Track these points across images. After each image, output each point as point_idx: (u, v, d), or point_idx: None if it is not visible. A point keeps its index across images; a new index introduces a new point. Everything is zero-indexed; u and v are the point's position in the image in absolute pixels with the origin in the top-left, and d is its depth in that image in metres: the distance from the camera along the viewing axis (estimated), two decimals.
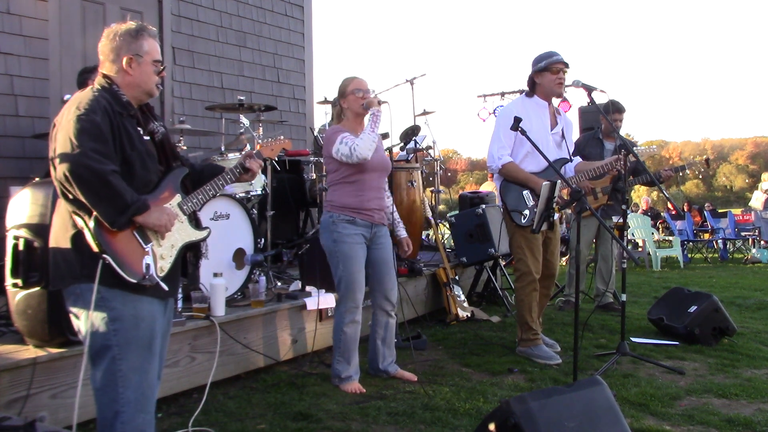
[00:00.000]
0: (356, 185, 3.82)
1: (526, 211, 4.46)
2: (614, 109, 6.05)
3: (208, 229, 2.62)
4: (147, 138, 2.47)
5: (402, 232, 4.29)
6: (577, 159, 4.85)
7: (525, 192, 4.49)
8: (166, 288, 2.39)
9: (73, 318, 2.37)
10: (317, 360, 4.39)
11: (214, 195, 2.63)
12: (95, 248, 2.23)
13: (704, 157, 5.43)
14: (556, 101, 4.73)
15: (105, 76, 2.42)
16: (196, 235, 2.56)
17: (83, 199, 2.21)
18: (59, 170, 2.21)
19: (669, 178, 5.47)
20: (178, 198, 2.51)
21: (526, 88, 4.68)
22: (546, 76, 4.50)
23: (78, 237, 2.28)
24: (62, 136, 2.23)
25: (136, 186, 2.32)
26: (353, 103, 3.87)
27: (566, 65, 4.51)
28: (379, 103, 3.83)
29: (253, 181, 4.78)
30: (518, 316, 4.62)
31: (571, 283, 6.30)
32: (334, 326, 3.94)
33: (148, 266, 2.32)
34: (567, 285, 6.43)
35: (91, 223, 2.24)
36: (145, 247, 2.33)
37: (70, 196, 2.25)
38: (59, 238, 2.34)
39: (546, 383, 3.99)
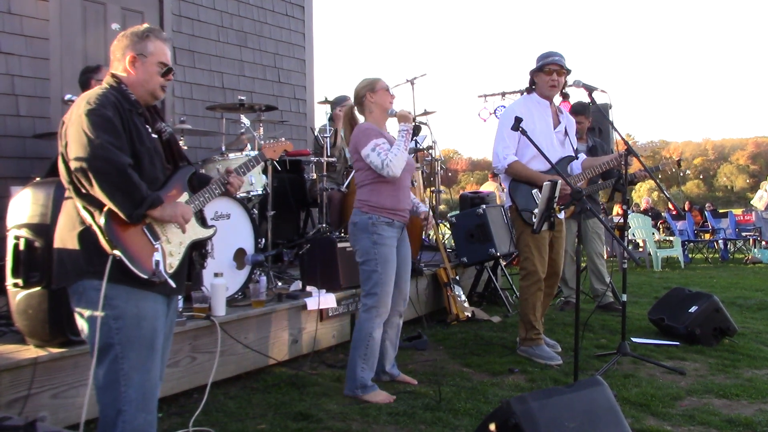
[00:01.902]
0: (392, 185, 3.77)
1: (536, 210, 4.44)
2: (575, 111, 6.10)
3: (215, 227, 2.63)
4: (155, 136, 2.49)
5: (423, 207, 4.15)
6: (582, 156, 4.84)
7: (534, 191, 4.47)
8: (173, 285, 2.40)
9: (77, 317, 2.37)
10: (318, 360, 4.38)
11: (220, 194, 2.64)
12: (106, 245, 2.24)
13: (677, 158, 5.46)
14: (557, 100, 4.73)
15: (114, 76, 2.45)
16: (203, 232, 2.57)
17: (99, 193, 2.21)
18: (75, 164, 2.21)
19: (644, 179, 5.47)
20: (185, 196, 2.52)
21: (526, 88, 4.68)
22: (540, 76, 4.51)
23: (85, 234, 2.29)
24: (75, 131, 2.23)
25: (144, 182, 2.33)
26: (384, 99, 3.84)
27: (562, 67, 4.49)
28: (414, 120, 3.86)
29: (253, 181, 4.80)
30: (522, 314, 4.61)
31: (567, 284, 6.31)
32: (361, 331, 3.75)
33: (157, 263, 2.33)
34: (563, 286, 6.43)
35: (101, 220, 2.24)
36: (154, 243, 2.34)
37: (83, 191, 2.26)
38: (65, 236, 2.34)
39: (546, 383, 3.99)
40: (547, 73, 4.47)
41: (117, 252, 2.24)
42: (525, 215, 4.47)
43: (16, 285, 3.03)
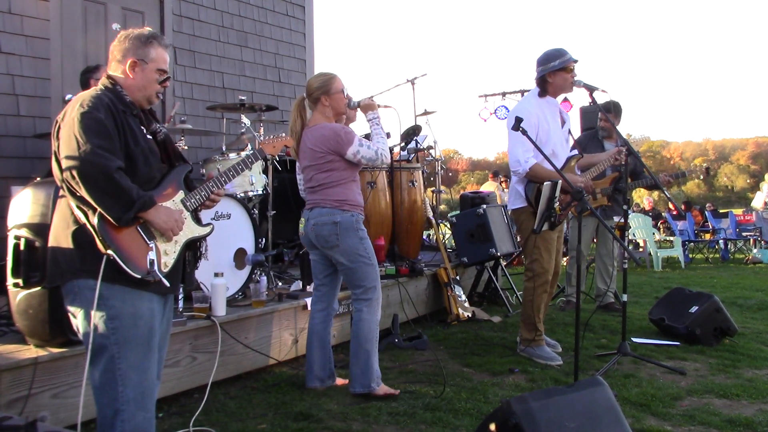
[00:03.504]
0: (357, 183, 3.83)
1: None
2: (605, 110, 6.07)
3: (212, 225, 2.62)
4: (150, 137, 2.49)
5: None
6: (574, 152, 4.84)
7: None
8: (168, 284, 2.39)
9: (71, 317, 2.37)
10: None
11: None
12: (100, 245, 2.24)
13: (704, 165, 5.43)
14: (558, 99, 4.73)
15: (110, 77, 2.45)
16: (199, 231, 2.57)
17: (88, 197, 2.22)
18: (65, 168, 2.22)
19: (667, 183, 5.46)
20: (181, 194, 2.52)
21: (529, 88, 4.66)
22: (561, 75, 4.43)
23: (79, 232, 2.29)
24: (66, 133, 2.24)
25: (138, 182, 2.33)
26: (339, 103, 3.76)
27: (576, 62, 4.50)
28: (379, 106, 3.92)
29: (254, 181, 4.81)
30: (525, 315, 4.57)
31: (572, 283, 6.30)
32: (371, 327, 3.71)
33: (152, 262, 2.33)
34: (567, 285, 6.42)
35: (95, 219, 2.24)
36: (149, 243, 2.34)
37: (77, 193, 2.26)
38: (59, 234, 2.35)
39: (547, 383, 3.98)
40: (569, 71, 4.45)
41: (110, 252, 2.24)
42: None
43: (16, 285, 3.03)
